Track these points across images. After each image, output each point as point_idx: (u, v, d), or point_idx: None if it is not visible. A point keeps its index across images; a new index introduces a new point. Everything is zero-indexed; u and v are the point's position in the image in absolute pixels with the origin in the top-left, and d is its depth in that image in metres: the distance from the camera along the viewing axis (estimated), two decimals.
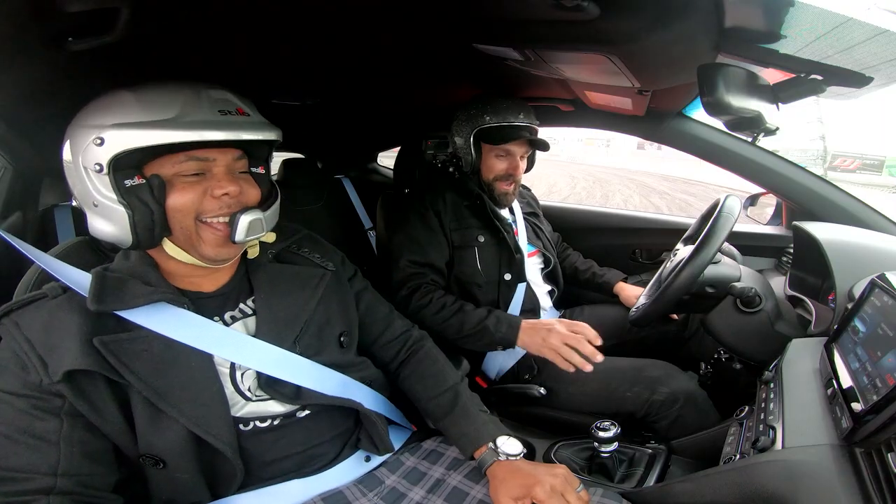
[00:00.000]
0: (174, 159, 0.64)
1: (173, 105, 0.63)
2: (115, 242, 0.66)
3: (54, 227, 1.09)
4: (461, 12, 0.77)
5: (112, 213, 0.63)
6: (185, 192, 0.64)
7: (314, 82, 1.22)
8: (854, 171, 22.53)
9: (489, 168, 1.29)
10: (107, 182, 0.61)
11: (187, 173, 0.65)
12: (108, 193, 0.62)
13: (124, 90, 0.64)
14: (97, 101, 0.65)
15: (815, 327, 0.91)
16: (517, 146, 1.26)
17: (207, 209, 0.66)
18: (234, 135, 0.64)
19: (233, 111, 0.66)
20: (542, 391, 1.20)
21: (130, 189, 0.62)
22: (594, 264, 1.58)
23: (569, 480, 0.71)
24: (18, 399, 0.59)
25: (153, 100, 0.63)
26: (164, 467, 0.64)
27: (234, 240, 0.67)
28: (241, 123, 0.66)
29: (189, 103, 0.63)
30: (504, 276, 1.28)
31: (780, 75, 0.75)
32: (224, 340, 0.69)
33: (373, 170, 2.27)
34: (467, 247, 1.28)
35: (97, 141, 0.60)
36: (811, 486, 0.57)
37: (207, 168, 0.66)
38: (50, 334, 0.60)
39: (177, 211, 0.64)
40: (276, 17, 0.75)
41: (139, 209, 0.62)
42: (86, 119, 0.63)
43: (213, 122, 0.64)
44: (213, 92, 0.66)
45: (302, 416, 0.75)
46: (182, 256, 0.67)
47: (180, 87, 0.65)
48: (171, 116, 0.62)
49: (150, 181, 0.63)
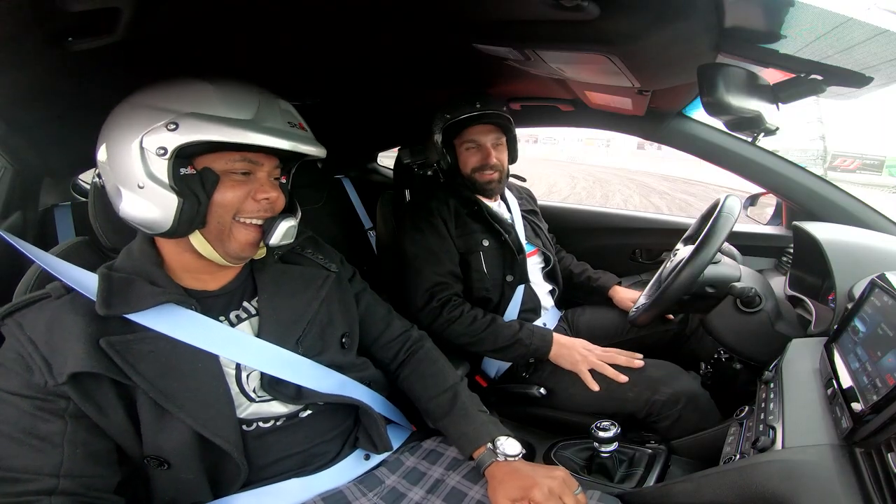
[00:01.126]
0: (229, 157, 0.65)
1: (251, 106, 0.64)
2: (146, 227, 0.66)
3: (54, 227, 1.10)
4: (461, 12, 0.77)
5: (158, 198, 0.62)
6: (233, 190, 0.66)
7: (314, 82, 1.22)
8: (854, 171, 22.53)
9: (464, 163, 1.32)
10: (164, 167, 0.61)
11: (237, 171, 0.66)
12: (162, 178, 0.62)
13: (201, 80, 0.64)
14: (167, 85, 0.64)
15: (815, 327, 0.91)
16: (481, 134, 1.29)
17: (247, 210, 0.68)
18: (300, 147, 0.66)
19: (296, 124, 0.69)
20: (542, 391, 1.20)
21: (184, 178, 0.63)
22: (588, 267, 1.59)
23: (567, 483, 0.71)
24: (23, 400, 0.58)
25: (234, 97, 0.64)
26: (169, 468, 0.64)
27: (268, 243, 0.70)
28: (303, 137, 0.68)
29: (265, 108, 0.66)
30: (507, 277, 1.29)
31: (780, 75, 0.75)
32: (230, 341, 0.69)
33: (373, 170, 2.27)
34: (472, 252, 1.29)
35: (171, 126, 0.60)
36: (811, 486, 0.57)
37: (254, 170, 0.68)
38: (53, 335, 0.60)
39: (220, 206, 0.66)
40: (276, 18, 0.75)
41: (189, 198, 0.63)
42: (152, 100, 0.63)
43: (284, 131, 0.66)
44: (282, 102, 0.70)
45: (304, 415, 0.76)
46: (205, 250, 0.68)
47: (253, 89, 0.67)
48: (248, 117, 0.63)
49: (202, 173, 0.64)
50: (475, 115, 1.26)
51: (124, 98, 0.65)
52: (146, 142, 0.61)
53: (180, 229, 0.64)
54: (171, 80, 0.65)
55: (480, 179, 1.31)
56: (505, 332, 1.18)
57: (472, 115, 1.25)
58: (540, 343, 1.17)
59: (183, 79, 0.65)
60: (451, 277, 1.25)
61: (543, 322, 1.36)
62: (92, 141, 0.66)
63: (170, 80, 0.65)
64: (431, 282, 1.22)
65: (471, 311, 1.21)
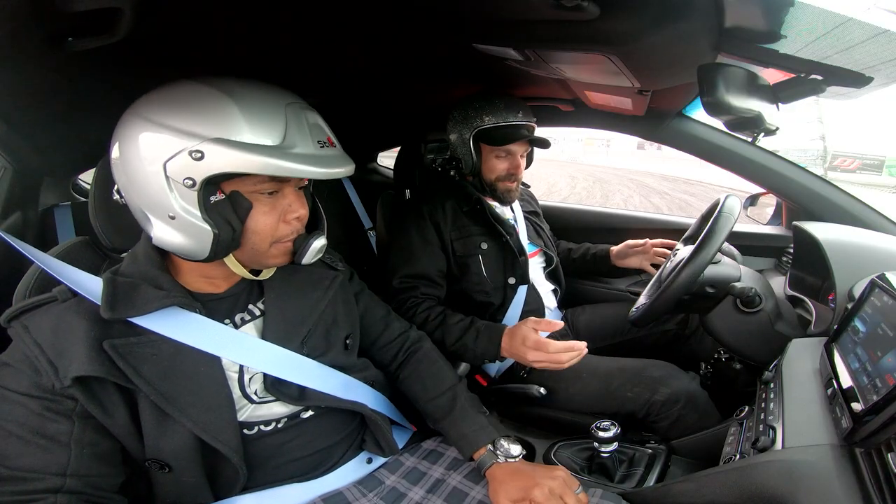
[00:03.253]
0: (256, 178, 0.63)
1: (278, 126, 0.60)
2: (182, 254, 0.65)
3: (54, 227, 1.09)
4: (461, 12, 0.77)
5: (192, 229, 0.60)
6: (266, 216, 0.65)
7: (314, 81, 1.22)
8: (854, 171, 22.54)
9: (490, 169, 1.28)
10: (193, 198, 0.59)
11: (265, 192, 0.64)
12: (193, 209, 0.59)
13: (222, 94, 0.59)
14: (185, 102, 0.59)
15: (815, 327, 0.91)
16: (518, 145, 1.25)
17: (281, 234, 0.67)
18: (331, 173, 0.63)
19: (325, 142, 0.65)
20: (542, 391, 1.20)
21: (215, 206, 0.61)
22: (589, 244, 1.58)
23: (568, 483, 0.71)
24: (31, 400, 0.59)
25: (259, 117, 0.59)
26: (170, 471, 0.64)
27: (301, 262, 0.70)
28: (334, 158, 0.65)
29: (293, 127, 0.61)
30: (508, 280, 1.28)
31: (780, 75, 0.75)
32: (234, 343, 0.68)
33: (373, 170, 2.27)
34: (471, 255, 1.26)
35: (196, 154, 0.56)
36: (811, 486, 0.57)
37: (281, 188, 0.66)
38: (59, 338, 0.60)
39: (254, 233, 0.65)
40: (275, 18, 0.75)
41: (224, 228, 0.62)
42: (171, 120, 0.58)
43: (315, 156, 0.62)
44: (309, 115, 0.65)
45: (306, 416, 0.75)
46: (236, 267, 0.68)
47: (280, 104, 0.62)
48: (276, 143, 0.59)
49: (231, 198, 0.62)
50: (519, 124, 1.22)
51: (137, 103, 0.61)
52: (170, 169, 0.58)
53: (217, 256, 0.64)
54: (188, 95, 0.59)
55: (502, 188, 1.29)
56: (451, 332, 1.11)
57: (515, 124, 1.22)
58: (486, 347, 1.06)
59: (202, 93, 0.59)
60: (421, 280, 1.21)
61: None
62: (92, 141, 0.66)
63: (187, 93, 0.60)
64: (398, 280, 1.20)
65: (424, 311, 1.15)
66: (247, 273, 0.70)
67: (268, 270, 0.74)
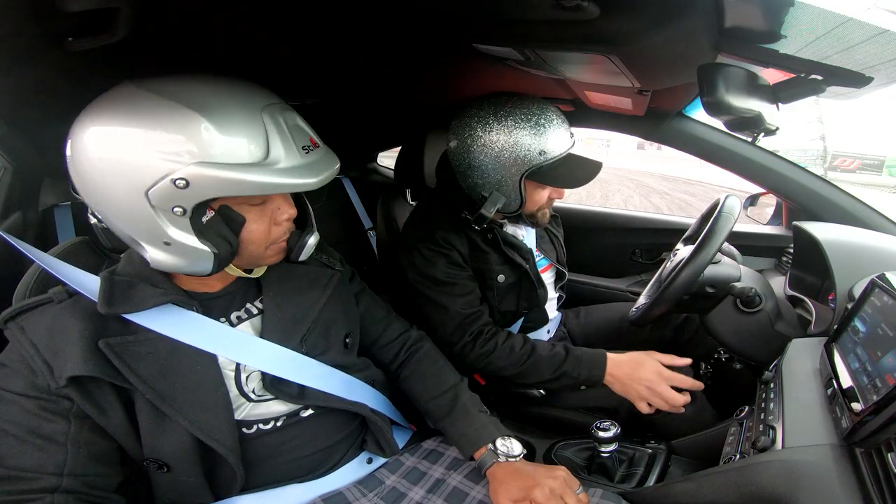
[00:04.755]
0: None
1: (258, 139, 0.58)
2: (185, 273, 0.65)
3: (54, 227, 1.10)
4: (461, 12, 0.77)
5: (190, 251, 0.60)
6: (257, 223, 0.65)
7: (314, 82, 1.22)
8: (854, 171, 22.55)
9: (535, 202, 1.08)
10: (187, 223, 0.58)
11: (254, 203, 0.65)
12: (187, 235, 0.59)
13: (189, 109, 0.54)
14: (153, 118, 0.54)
15: (815, 327, 0.91)
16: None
17: (275, 237, 0.69)
18: (322, 179, 0.62)
19: (309, 145, 0.64)
20: (542, 391, 1.20)
21: (208, 225, 0.60)
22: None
23: (568, 483, 0.71)
24: (27, 400, 0.59)
25: (235, 129, 0.56)
26: (169, 471, 0.64)
27: (296, 259, 0.72)
28: (321, 162, 0.64)
29: (275, 137, 0.59)
30: (522, 309, 1.21)
31: (780, 75, 0.75)
32: (230, 341, 0.69)
33: (373, 170, 2.27)
34: (487, 288, 1.15)
35: (180, 183, 0.54)
36: (811, 486, 0.57)
37: (270, 196, 0.66)
38: (54, 338, 0.60)
39: (250, 243, 0.66)
40: (275, 17, 0.75)
41: (222, 245, 0.62)
42: (143, 143, 0.54)
43: (303, 166, 0.61)
44: (288, 116, 0.63)
45: (305, 415, 0.75)
46: (231, 269, 0.70)
47: (255, 109, 0.59)
48: (259, 157, 0.58)
49: (223, 214, 0.62)
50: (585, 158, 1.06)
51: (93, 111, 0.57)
52: (154, 198, 0.55)
53: (219, 270, 0.65)
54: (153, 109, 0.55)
55: (541, 214, 1.11)
56: (547, 364, 1.04)
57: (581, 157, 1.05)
58: (589, 373, 1.03)
59: (168, 108, 0.54)
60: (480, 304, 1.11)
61: (548, 330, 1.31)
62: None
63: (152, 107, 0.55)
64: (461, 315, 1.07)
65: (506, 341, 1.07)
66: (241, 272, 0.71)
67: (260, 268, 0.75)
